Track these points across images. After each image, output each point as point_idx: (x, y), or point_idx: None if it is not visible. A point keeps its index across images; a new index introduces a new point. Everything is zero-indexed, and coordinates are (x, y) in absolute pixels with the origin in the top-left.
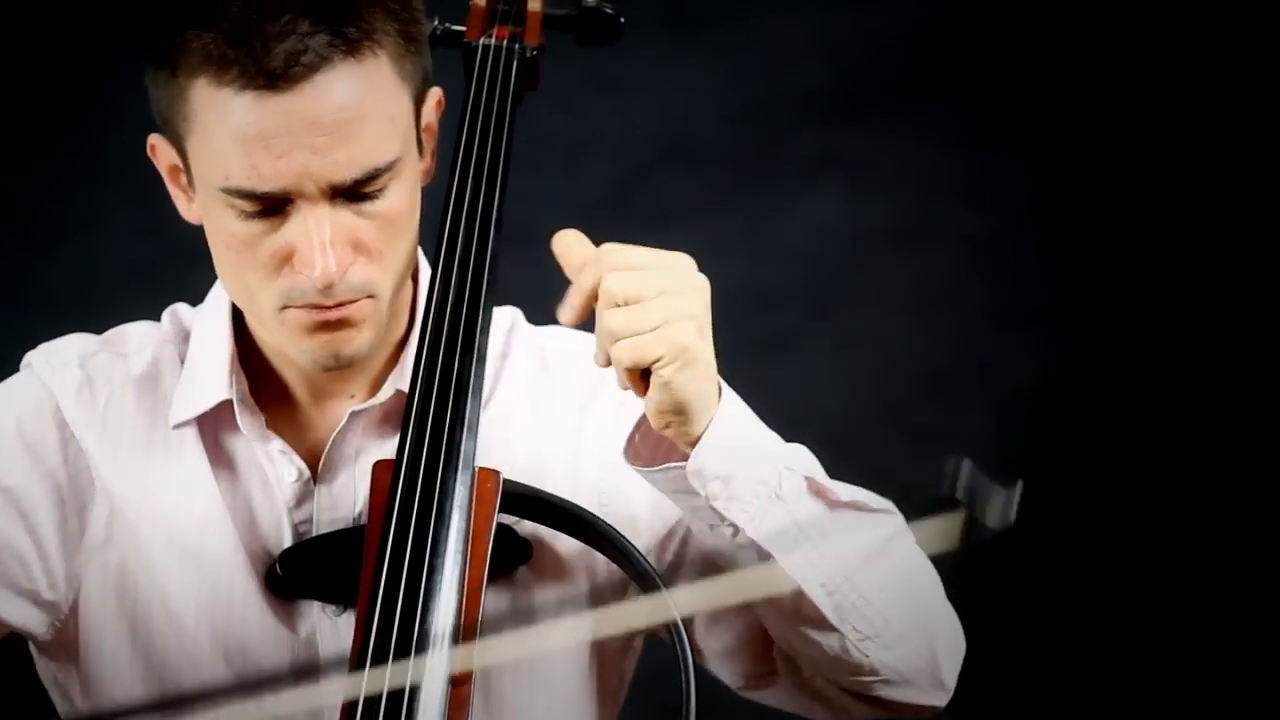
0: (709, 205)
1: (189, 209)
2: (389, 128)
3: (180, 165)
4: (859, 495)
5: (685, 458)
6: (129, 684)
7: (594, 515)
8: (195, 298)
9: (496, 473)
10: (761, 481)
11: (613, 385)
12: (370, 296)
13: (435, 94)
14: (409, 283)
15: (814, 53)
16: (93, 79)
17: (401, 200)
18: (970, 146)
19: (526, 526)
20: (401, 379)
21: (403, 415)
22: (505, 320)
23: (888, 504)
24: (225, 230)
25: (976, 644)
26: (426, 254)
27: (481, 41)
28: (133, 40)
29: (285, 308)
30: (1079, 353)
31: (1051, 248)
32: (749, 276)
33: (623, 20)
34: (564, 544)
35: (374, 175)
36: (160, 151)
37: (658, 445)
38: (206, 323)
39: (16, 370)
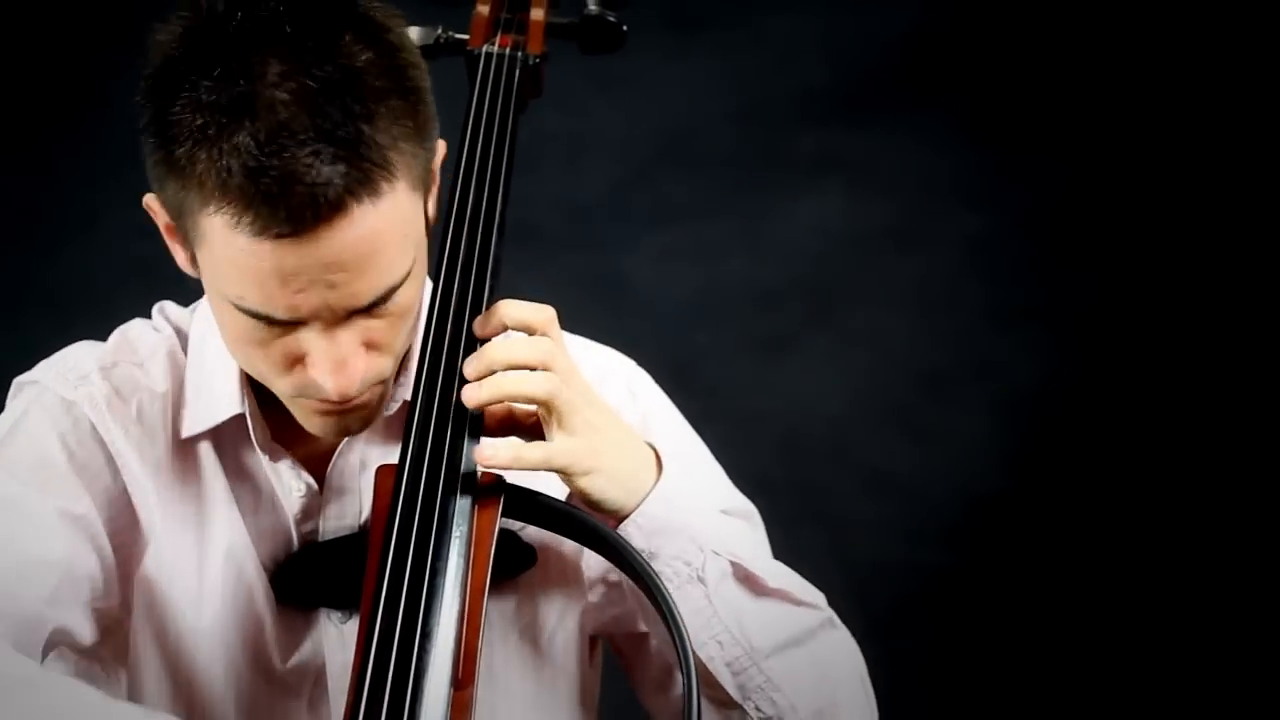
0: (709, 205)
1: (188, 266)
2: (404, 245)
3: (180, 232)
4: (789, 584)
5: (613, 527)
6: (152, 683)
7: (595, 519)
8: (194, 296)
9: (499, 477)
10: (685, 561)
11: (612, 388)
12: (380, 383)
13: (440, 149)
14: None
15: (814, 53)
16: (93, 80)
17: (412, 295)
18: (969, 147)
19: (530, 531)
20: (406, 390)
21: (405, 421)
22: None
23: (818, 598)
24: (232, 325)
25: (976, 643)
26: (429, 260)
27: (484, 49)
28: (134, 41)
29: (298, 397)
30: (1078, 352)
31: (1050, 248)
32: (749, 276)
33: (625, 28)
34: (567, 548)
35: (390, 292)
36: (159, 213)
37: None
38: (208, 332)
39: (18, 370)
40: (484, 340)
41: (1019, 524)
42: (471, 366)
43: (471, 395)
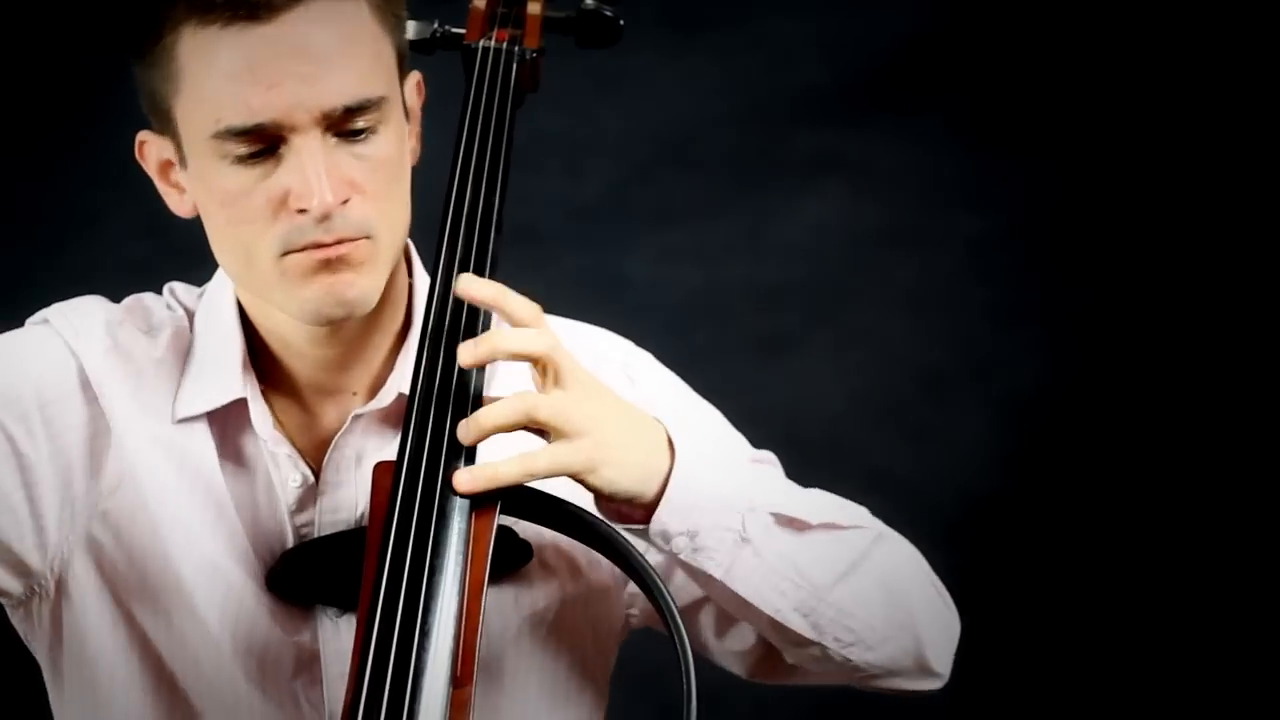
0: (709, 205)
1: (181, 202)
2: (374, 64)
3: (171, 158)
4: (831, 513)
5: (646, 518)
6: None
7: (594, 516)
8: None
9: None
10: (726, 529)
11: (607, 373)
12: (368, 238)
13: (415, 76)
14: (404, 277)
15: (814, 53)
16: (94, 80)
17: (391, 146)
18: (969, 147)
19: (527, 528)
20: (402, 382)
21: (403, 417)
22: (494, 321)
23: (861, 515)
24: (219, 188)
25: (975, 643)
26: (426, 256)
27: (481, 44)
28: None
29: (285, 254)
30: (1077, 353)
31: (1050, 248)
32: (749, 276)
33: (622, 23)
34: (564, 544)
35: (364, 107)
36: (149, 147)
37: (620, 504)
38: (212, 313)
39: None
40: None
41: (1018, 524)
42: (465, 433)
43: (463, 434)
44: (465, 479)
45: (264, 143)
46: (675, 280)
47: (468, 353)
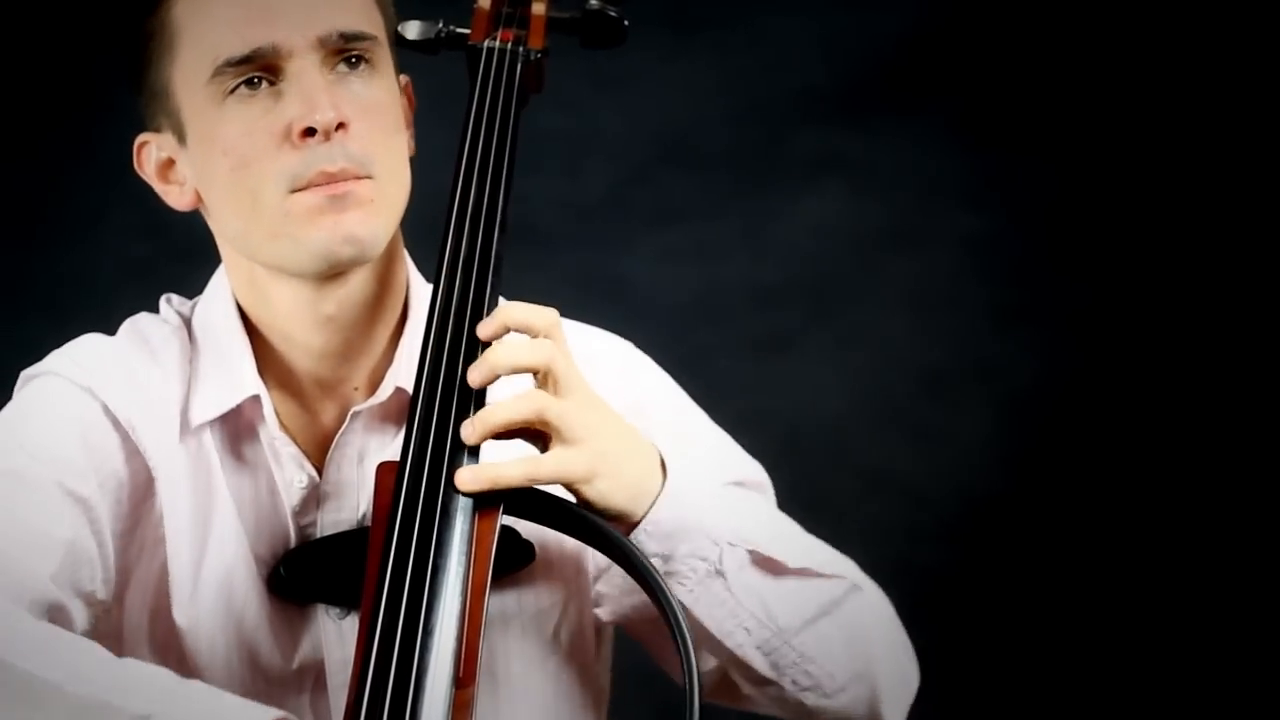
0: (709, 205)
1: (181, 194)
2: (368, 10)
3: (170, 154)
4: (810, 559)
5: (625, 534)
6: None
7: (596, 516)
8: (194, 296)
9: None
10: (701, 558)
11: (603, 374)
12: (370, 177)
13: (403, 79)
14: (403, 268)
15: (813, 53)
16: (94, 80)
17: (385, 93)
18: (969, 147)
19: (530, 528)
20: (399, 376)
21: (406, 415)
22: None
23: (840, 564)
24: (222, 136)
25: (976, 643)
26: (430, 259)
27: (486, 44)
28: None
29: (293, 191)
30: (1077, 353)
31: (1049, 248)
32: (749, 276)
33: (627, 23)
34: (567, 545)
35: (359, 37)
36: (148, 148)
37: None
38: (210, 318)
39: (18, 370)
40: (486, 343)
41: (1019, 524)
42: (475, 371)
43: (468, 432)
44: (468, 478)
45: (261, 71)
46: (675, 280)
47: (473, 376)
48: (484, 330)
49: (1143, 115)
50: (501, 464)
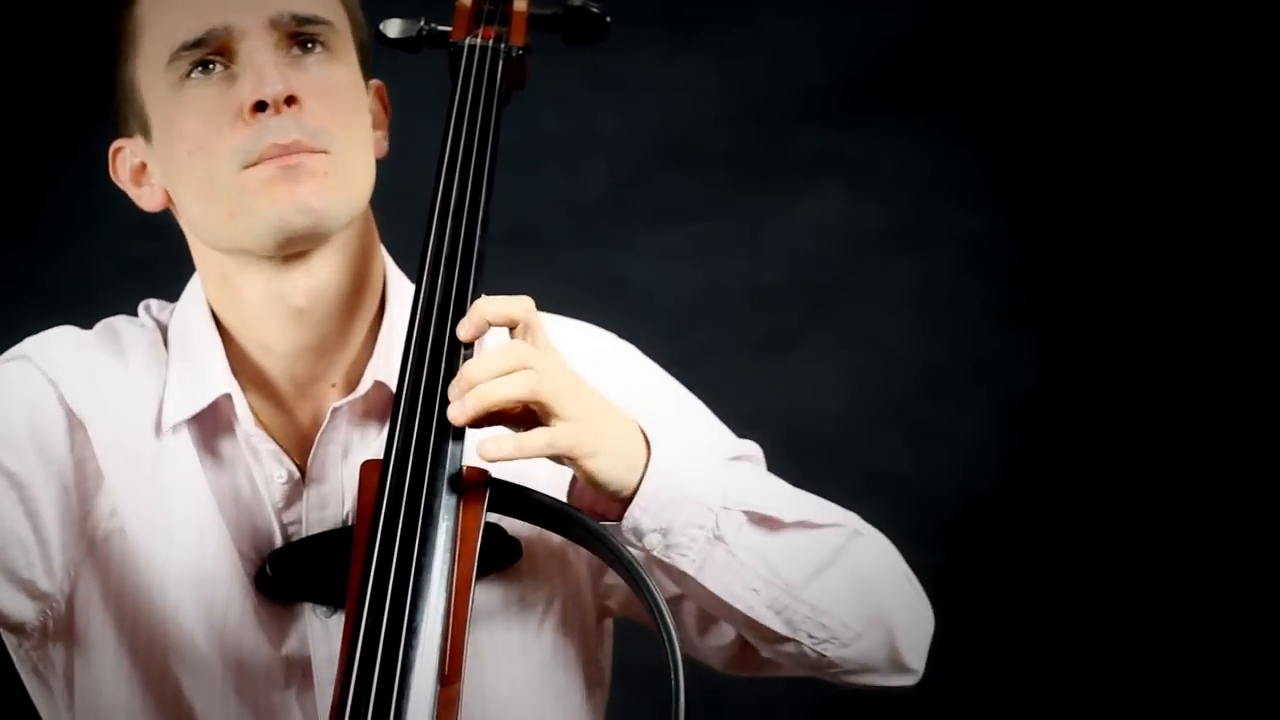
0: (709, 205)
1: (152, 193)
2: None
3: (141, 158)
4: (807, 511)
5: (620, 515)
6: (116, 678)
7: (581, 512)
8: None
9: (485, 471)
10: (699, 526)
11: (590, 369)
12: (325, 152)
13: (375, 82)
14: (380, 264)
15: (813, 53)
16: (93, 80)
17: (342, 76)
18: (969, 147)
19: (515, 525)
20: (379, 370)
21: (389, 412)
22: None
23: (837, 513)
24: (180, 125)
25: (976, 643)
26: (411, 258)
27: (467, 41)
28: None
29: (246, 167)
30: (1076, 353)
31: (1050, 248)
32: (749, 276)
33: (609, 19)
34: (552, 542)
35: (313, 20)
36: (122, 154)
37: (595, 500)
38: (188, 320)
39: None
40: (469, 344)
41: (1019, 524)
42: (455, 390)
43: (456, 412)
44: (491, 448)
45: (216, 54)
46: (675, 280)
47: (456, 414)
48: (464, 332)
49: (1143, 116)
50: (522, 435)
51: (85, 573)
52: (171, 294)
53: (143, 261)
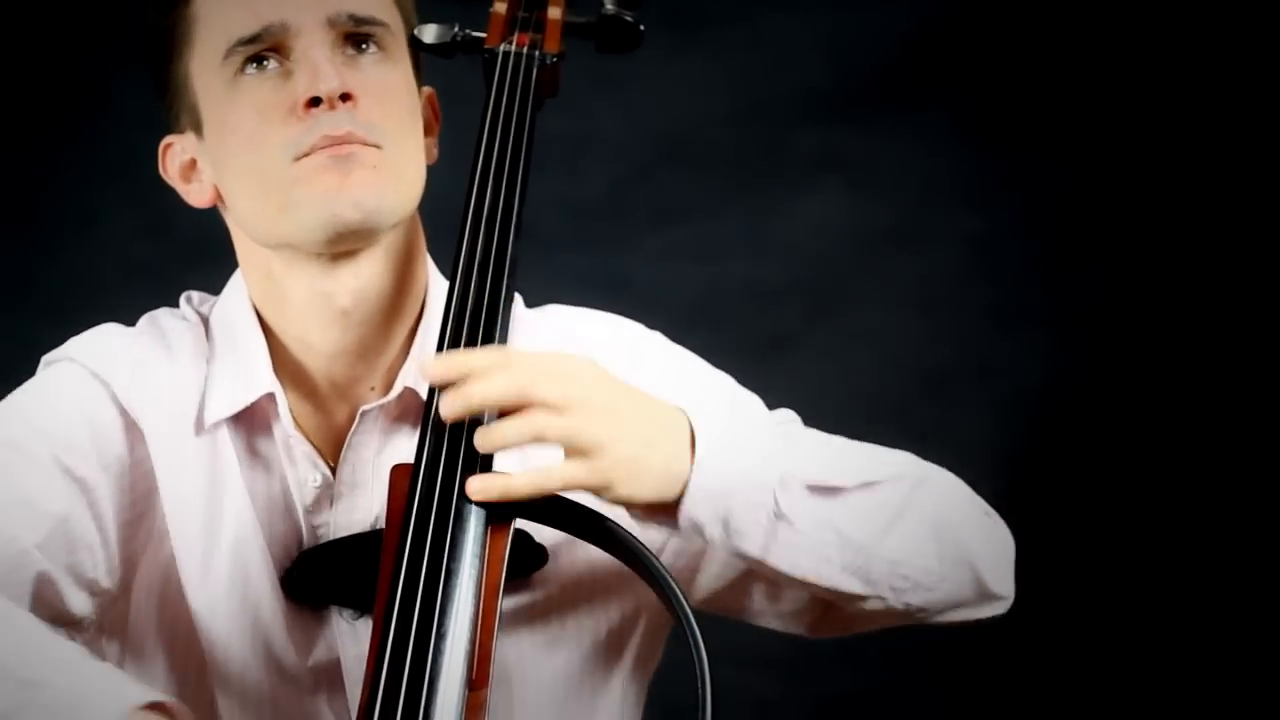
0: (709, 205)
1: (201, 190)
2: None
3: (192, 154)
4: (866, 469)
5: (674, 512)
6: (160, 675)
7: (608, 519)
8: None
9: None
10: (759, 507)
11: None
12: (378, 146)
13: (427, 90)
14: (423, 267)
15: (814, 53)
16: (93, 79)
17: (397, 77)
18: (970, 147)
19: (543, 531)
20: (410, 376)
21: (420, 416)
22: None
23: (897, 462)
24: (235, 120)
25: (976, 644)
26: (446, 259)
27: (501, 48)
28: (133, 40)
29: (298, 158)
30: (1079, 352)
31: (1051, 248)
32: (749, 276)
33: (642, 28)
34: (580, 547)
35: (370, 21)
36: (172, 150)
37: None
38: (228, 318)
39: (18, 370)
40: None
41: (1019, 524)
42: (480, 443)
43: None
44: (477, 488)
45: (271, 50)
46: (675, 280)
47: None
48: (448, 413)
49: (1146, 114)
50: (511, 476)
51: (140, 570)
52: (171, 294)
53: (143, 261)
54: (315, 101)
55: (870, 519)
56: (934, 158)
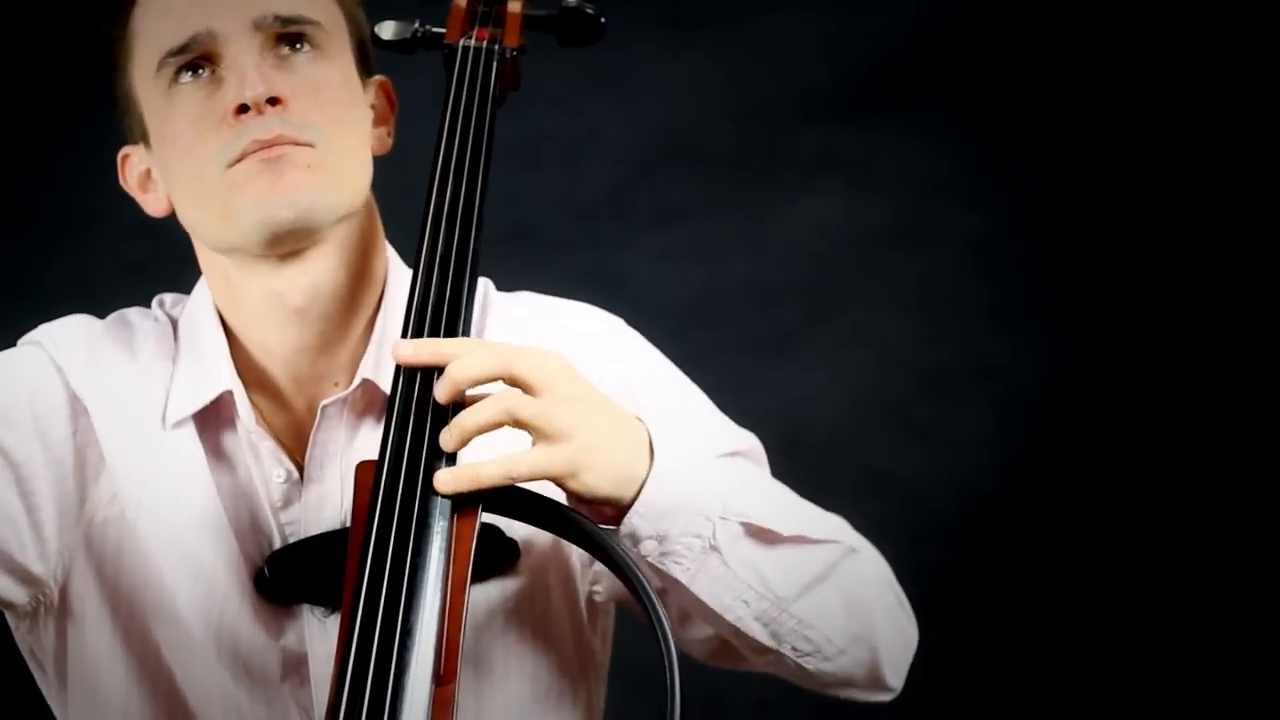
0: (709, 205)
1: (157, 199)
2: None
3: (148, 165)
4: (804, 525)
5: (618, 519)
6: (111, 665)
7: (578, 513)
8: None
9: None
10: (695, 535)
11: (585, 354)
12: (310, 145)
13: (379, 78)
14: (381, 260)
15: (814, 53)
16: (92, 79)
17: (333, 74)
18: (970, 147)
19: (514, 527)
20: (369, 368)
21: (384, 409)
22: (478, 294)
23: (834, 527)
24: (172, 131)
25: (977, 644)
26: (406, 256)
27: (461, 43)
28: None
29: (231, 165)
30: (1078, 353)
31: (1051, 247)
32: (749, 276)
33: (604, 20)
34: (550, 542)
35: (298, 20)
36: (131, 160)
37: (590, 508)
38: (197, 317)
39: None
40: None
41: (1019, 524)
42: (448, 439)
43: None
44: (447, 480)
45: (202, 58)
46: (675, 280)
47: (441, 391)
48: (441, 396)
49: (1145, 113)
50: (479, 465)
51: (80, 557)
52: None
53: (142, 261)
54: (244, 108)
55: (794, 574)
56: (934, 158)
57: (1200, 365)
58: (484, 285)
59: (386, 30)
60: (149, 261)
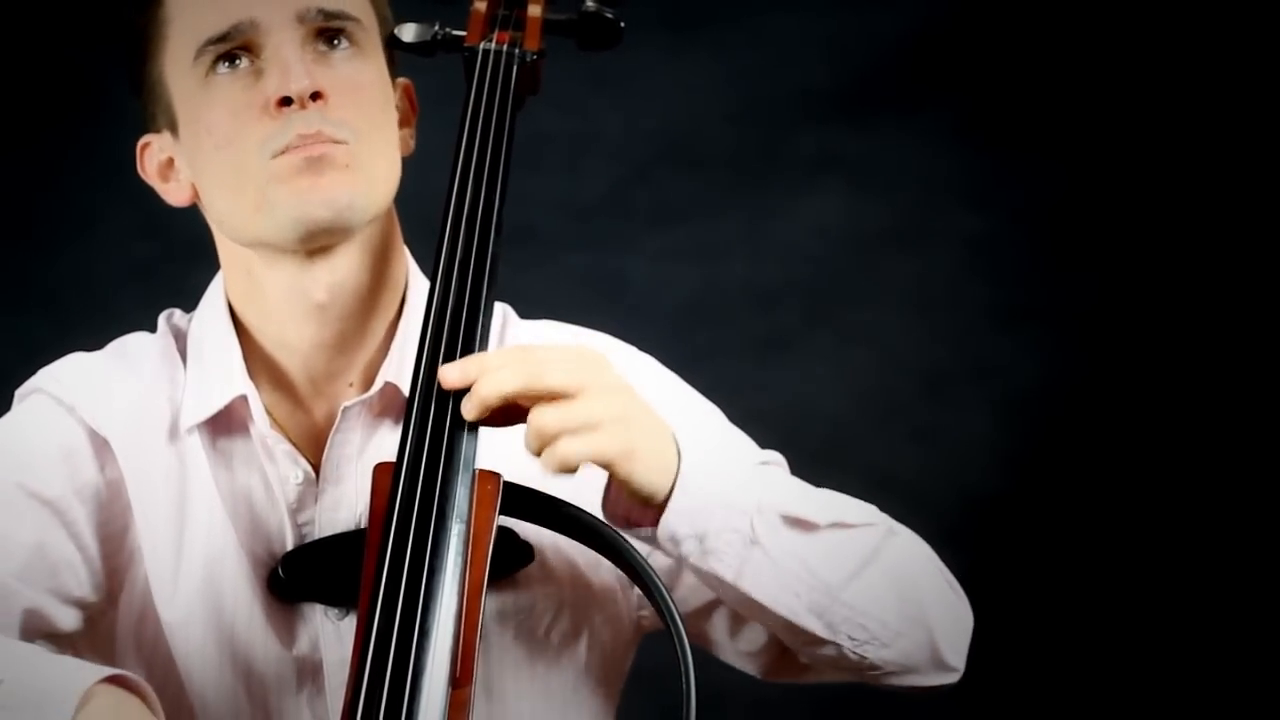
0: (709, 205)
1: (179, 188)
2: None
3: (170, 153)
4: (840, 512)
5: (655, 521)
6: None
7: (593, 517)
8: (194, 298)
9: (497, 475)
10: (734, 531)
11: None
12: (347, 144)
13: (403, 81)
14: (402, 264)
15: (814, 53)
16: (92, 79)
17: (369, 75)
18: (970, 147)
19: (528, 529)
20: (391, 371)
21: (402, 413)
22: (497, 317)
23: (869, 512)
24: (208, 120)
25: (977, 643)
26: (426, 259)
27: (482, 46)
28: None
29: (276, 155)
30: (1078, 353)
31: (1051, 248)
32: (749, 276)
33: (623, 25)
34: (565, 546)
35: (340, 15)
36: (150, 149)
37: (630, 507)
38: (206, 324)
39: (18, 371)
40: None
41: (1019, 524)
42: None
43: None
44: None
45: (242, 48)
46: (675, 280)
47: (468, 409)
48: (469, 413)
49: (1145, 114)
50: (566, 444)
51: (124, 585)
52: (170, 295)
53: (143, 261)
54: (286, 101)
55: (839, 560)
56: (934, 158)
57: (1200, 365)
58: (503, 310)
59: (407, 33)
60: (150, 261)
